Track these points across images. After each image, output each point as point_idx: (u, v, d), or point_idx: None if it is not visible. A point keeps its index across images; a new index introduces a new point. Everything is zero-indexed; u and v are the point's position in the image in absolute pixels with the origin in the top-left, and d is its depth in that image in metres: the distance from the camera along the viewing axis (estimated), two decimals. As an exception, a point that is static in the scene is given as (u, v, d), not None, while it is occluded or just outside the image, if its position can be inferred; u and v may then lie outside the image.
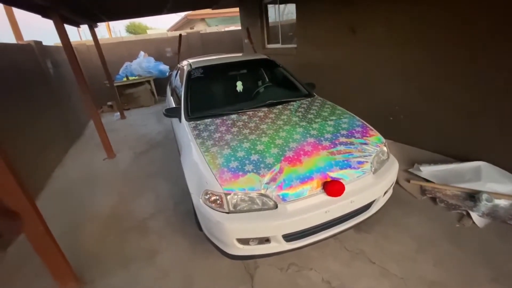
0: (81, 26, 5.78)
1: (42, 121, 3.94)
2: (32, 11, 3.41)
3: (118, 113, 6.68)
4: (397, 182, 2.65)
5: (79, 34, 13.00)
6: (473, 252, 1.92)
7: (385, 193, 2.01)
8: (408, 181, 2.75)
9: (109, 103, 7.48)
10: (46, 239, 1.67)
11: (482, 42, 2.44)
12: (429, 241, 2.06)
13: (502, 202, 2.28)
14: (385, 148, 2.10)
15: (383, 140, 2.12)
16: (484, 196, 2.29)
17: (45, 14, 3.50)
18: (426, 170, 2.77)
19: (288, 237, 1.74)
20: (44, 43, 4.83)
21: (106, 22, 15.33)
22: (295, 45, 5.14)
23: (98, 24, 6.11)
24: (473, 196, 2.38)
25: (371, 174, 1.90)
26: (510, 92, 2.36)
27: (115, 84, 6.88)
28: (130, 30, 29.68)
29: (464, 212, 2.28)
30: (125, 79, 7.33)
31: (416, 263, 1.89)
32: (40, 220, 1.62)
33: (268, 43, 6.36)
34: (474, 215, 2.20)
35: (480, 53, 2.48)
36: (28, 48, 4.19)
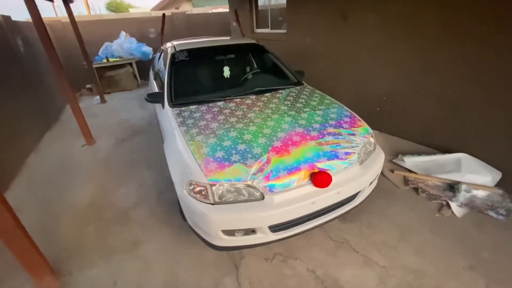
0: (55, 0, 5.32)
1: (12, 104, 3.66)
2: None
3: (98, 97, 6.34)
4: (381, 172, 2.69)
5: (54, 10, 12.06)
6: (452, 241, 2.00)
7: (370, 183, 2.02)
8: (392, 171, 2.80)
9: (88, 85, 7.07)
10: (17, 233, 1.55)
11: (469, 36, 2.44)
12: (411, 230, 2.12)
13: (480, 193, 2.36)
14: (372, 139, 2.09)
15: (371, 131, 2.12)
16: (463, 187, 2.36)
17: (11, -15, 3.17)
18: (410, 161, 2.83)
19: (274, 228, 1.73)
20: (13, 18, 4.42)
21: (84, -2, 14.33)
22: (284, 31, 5.00)
23: (74, -1, 5.65)
24: (453, 187, 2.46)
25: (357, 165, 1.89)
26: (492, 86, 2.40)
27: (94, 66, 6.48)
28: (111, 7, 28.02)
29: (444, 202, 2.35)
30: (105, 60, 6.91)
31: (398, 252, 1.94)
32: (9, 212, 1.50)
33: (257, 28, 6.16)
34: (453, 205, 2.28)
35: (466, 48, 2.49)
36: (-6, 23, 3.81)
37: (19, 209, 1.65)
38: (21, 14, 5.27)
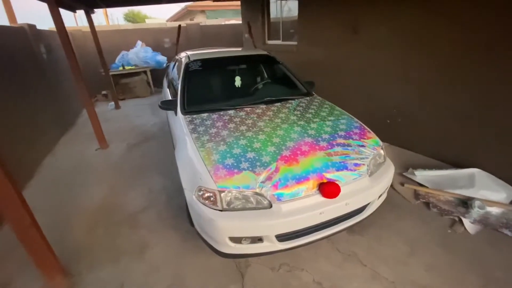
0: (77, 11, 5.62)
1: (33, 107, 3.83)
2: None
3: (113, 103, 6.56)
4: (391, 185, 2.65)
5: (75, 20, 12.71)
6: (464, 258, 1.93)
7: (379, 196, 2.00)
8: (402, 184, 2.75)
9: (104, 92, 7.33)
10: (32, 231, 1.61)
11: (483, 50, 2.43)
12: (421, 246, 2.07)
13: (494, 210, 2.29)
14: (382, 151, 2.08)
15: (381, 143, 2.11)
16: (477, 203, 2.30)
17: (39, -3, 3.38)
18: (421, 175, 2.78)
19: (281, 237, 1.72)
20: (38, 27, 4.68)
21: (104, 9, 14.99)
22: (295, 43, 5.08)
23: (95, 10, 5.94)
24: (465, 203, 2.40)
25: (367, 177, 1.88)
26: (508, 101, 2.36)
27: (110, 73, 6.73)
28: (129, 18, 29.17)
29: (457, 218, 2.29)
30: (121, 68, 7.18)
31: (407, 267, 1.90)
32: (26, 211, 1.57)
33: (269, 39, 6.28)
34: (466, 222, 2.22)
35: (480, 61, 2.48)
36: (21, 31, 4.05)
37: (33, 208, 1.71)
38: (45, 23, 5.56)
